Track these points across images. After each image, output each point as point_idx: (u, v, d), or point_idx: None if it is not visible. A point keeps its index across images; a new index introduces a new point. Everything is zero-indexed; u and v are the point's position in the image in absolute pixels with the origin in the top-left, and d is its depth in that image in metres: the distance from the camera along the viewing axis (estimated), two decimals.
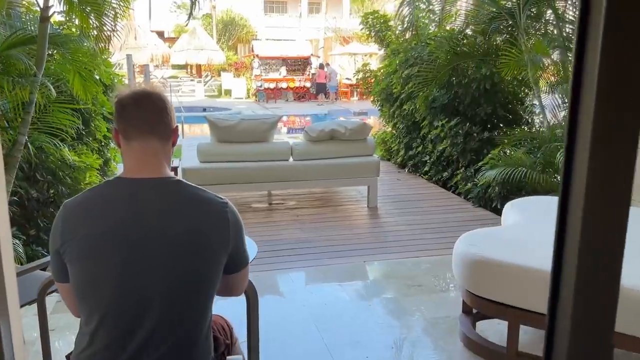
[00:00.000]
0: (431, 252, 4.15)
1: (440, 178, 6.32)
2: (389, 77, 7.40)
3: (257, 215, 5.14)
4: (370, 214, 5.24)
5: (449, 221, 4.96)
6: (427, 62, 6.45)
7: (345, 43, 25.68)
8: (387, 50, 7.63)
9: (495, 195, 5.25)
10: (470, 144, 5.84)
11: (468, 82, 6.05)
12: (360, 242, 4.37)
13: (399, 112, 7.27)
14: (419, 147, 6.85)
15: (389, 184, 6.46)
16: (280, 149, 5.24)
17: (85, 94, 4.53)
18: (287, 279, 3.66)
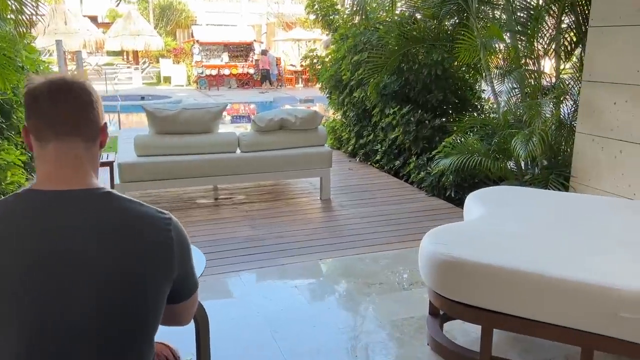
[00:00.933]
0: (389, 246, 3.97)
1: (392, 167, 6.18)
2: (338, 63, 7.16)
3: (203, 211, 4.80)
4: (324, 206, 5.02)
5: (404, 212, 4.81)
6: (376, 47, 6.26)
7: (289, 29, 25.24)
8: (335, 36, 7.37)
9: (449, 184, 5.15)
10: (423, 132, 5.71)
11: (419, 68, 5.90)
12: (314, 238, 4.14)
13: (348, 99, 7.06)
14: (370, 136, 6.68)
15: (341, 174, 6.26)
16: (227, 140, 4.90)
17: (4, 82, 4.04)
18: (238, 282, 3.37)
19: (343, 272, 3.53)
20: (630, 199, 3.68)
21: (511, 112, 4.92)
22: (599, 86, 3.88)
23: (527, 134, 4.29)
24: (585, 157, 4.07)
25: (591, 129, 3.99)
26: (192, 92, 21.00)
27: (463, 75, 6.24)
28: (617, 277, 1.97)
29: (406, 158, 6.00)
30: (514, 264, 2.11)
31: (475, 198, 3.03)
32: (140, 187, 4.71)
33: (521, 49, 4.84)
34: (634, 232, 2.42)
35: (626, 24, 3.61)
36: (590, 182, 4.03)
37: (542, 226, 2.53)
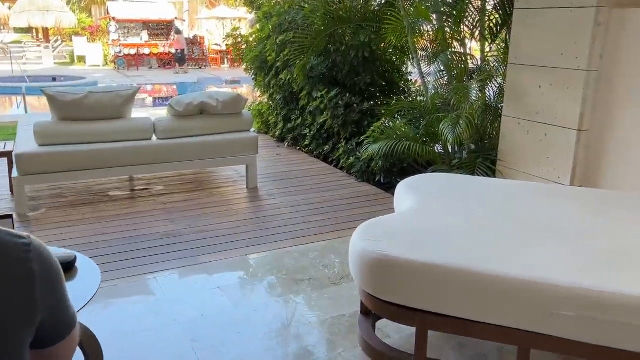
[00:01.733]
0: (319, 237, 3.80)
1: (321, 152, 5.99)
2: (263, 44, 6.84)
3: (117, 205, 4.40)
4: (251, 196, 4.76)
5: (334, 199, 4.65)
6: (302, 27, 6.00)
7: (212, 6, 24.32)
8: (259, 14, 7.03)
9: (378, 169, 5.04)
10: (351, 116, 5.55)
11: (346, 50, 5.72)
12: (240, 232, 3.88)
13: (275, 81, 6.77)
14: (298, 120, 6.45)
15: (269, 160, 6.00)
16: (141, 127, 4.50)
17: None
18: (153, 285, 3.06)
19: (271, 269, 3.31)
20: (555, 182, 3.70)
21: (438, 95, 4.86)
22: (524, 69, 3.86)
23: (454, 117, 4.23)
24: (511, 140, 4.06)
25: (517, 112, 3.98)
26: (110, 72, 19.76)
27: (390, 57, 6.13)
28: (552, 273, 1.88)
29: (335, 143, 5.83)
30: (447, 261, 1.98)
31: (405, 187, 2.89)
32: (44, 179, 4.22)
33: (448, 31, 4.76)
34: (565, 221, 2.36)
35: (550, 6, 3.58)
36: (516, 165, 4.04)
37: (475, 217, 2.42)
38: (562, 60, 3.55)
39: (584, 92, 3.44)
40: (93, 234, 3.77)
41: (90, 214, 4.18)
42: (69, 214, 4.18)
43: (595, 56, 3.38)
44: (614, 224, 2.33)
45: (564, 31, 3.50)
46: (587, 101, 3.46)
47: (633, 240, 2.14)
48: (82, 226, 3.93)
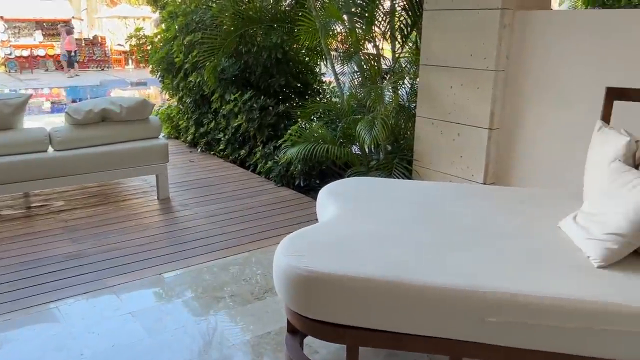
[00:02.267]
0: (238, 249, 3.62)
1: (237, 157, 5.79)
2: (169, 44, 6.50)
3: (10, 226, 3.95)
4: (163, 207, 4.47)
5: (253, 206, 4.48)
6: (211, 27, 5.76)
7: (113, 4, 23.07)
8: (163, 13, 6.67)
9: (297, 173, 4.94)
10: (267, 119, 5.40)
11: (258, 51, 5.56)
12: (152, 248, 3.61)
13: (184, 84, 6.46)
14: (211, 124, 6.19)
15: (182, 167, 5.70)
16: (34, 138, 4.07)
17: None
18: (55, 316, 2.75)
19: (188, 287, 3.09)
20: (469, 180, 3.79)
21: (353, 96, 4.84)
22: (435, 70, 3.92)
23: (370, 119, 4.22)
24: (426, 140, 4.12)
25: (430, 112, 4.04)
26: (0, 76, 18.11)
27: (304, 58, 6.05)
28: (480, 279, 1.86)
29: (252, 147, 5.66)
30: (374, 273, 1.90)
31: (327, 193, 2.81)
32: None
33: (360, 32, 4.75)
34: (485, 222, 2.38)
35: (458, 7, 3.65)
36: (431, 165, 4.10)
37: (398, 223, 2.38)
38: (471, 60, 3.63)
39: (493, 92, 3.54)
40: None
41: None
42: None
43: (502, 57, 3.48)
44: (530, 222, 2.38)
45: (472, 32, 3.58)
46: (497, 100, 3.57)
47: (550, 238, 2.19)
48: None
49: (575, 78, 3.21)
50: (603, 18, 3.06)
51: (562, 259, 2.00)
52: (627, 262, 1.95)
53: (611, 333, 1.71)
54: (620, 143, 2.21)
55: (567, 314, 1.72)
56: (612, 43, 3.01)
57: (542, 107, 3.40)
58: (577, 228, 2.14)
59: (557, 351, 1.78)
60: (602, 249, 1.93)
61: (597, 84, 3.08)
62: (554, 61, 3.30)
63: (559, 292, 1.76)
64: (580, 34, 3.15)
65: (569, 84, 3.25)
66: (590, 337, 1.72)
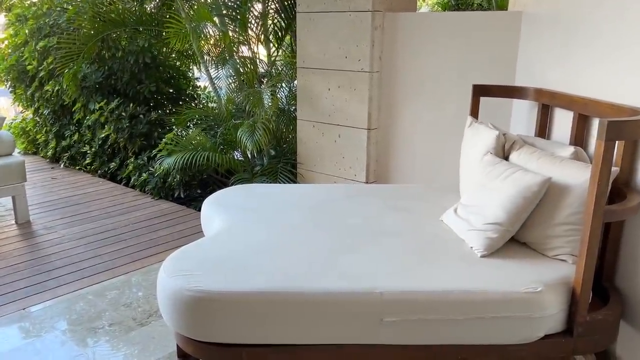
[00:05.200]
0: (116, 271, 3.31)
1: (107, 170, 5.34)
2: (19, 50, 5.83)
3: None
4: (23, 233, 3.96)
5: (128, 223, 4.15)
6: (67, 31, 5.26)
7: None
8: (10, 16, 5.97)
9: (176, 184, 4.67)
10: (138, 128, 5.05)
11: (123, 56, 5.18)
12: (13, 280, 3.17)
13: (40, 93, 5.83)
14: (74, 136, 5.65)
15: (43, 186, 5.13)
16: None
17: None
18: None
19: (60, 320, 2.74)
20: (353, 180, 3.85)
21: (231, 101, 4.70)
22: (312, 72, 3.93)
23: (250, 124, 4.12)
24: (308, 143, 4.11)
25: (310, 115, 4.04)
26: None
27: (174, 62, 5.77)
28: (374, 280, 1.85)
29: (123, 159, 5.26)
30: (266, 286, 1.81)
31: (210, 205, 2.66)
32: None
33: (233, 34, 4.62)
34: (371, 222, 2.39)
35: (330, 10, 3.69)
36: (315, 167, 4.10)
37: (287, 231, 2.31)
38: (346, 62, 3.68)
39: (370, 93, 3.62)
40: None
41: None
42: None
43: (375, 58, 3.58)
44: (414, 218, 2.44)
45: (346, 35, 3.63)
46: (373, 101, 3.66)
47: (434, 232, 2.26)
48: None
49: (443, 77, 3.39)
50: (462, 20, 3.26)
51: (447, 251, 2.07)
52: (506, 248, 2.06)
53: (502, 320, 1.78)
54: (490, 137, 2.34)
55: (458, 305, 1.77)
56: (472, 42, 3.22)
57: (416, 106, 3.55)
58: (458, 220, 2.23)
59: (456, 343, 1.82)
60: (483, 238, 2.02)
61: (464, 82, 3.28)
62: (423, 61, 3.45)
63: (448, 286, 1.81)
64: (443, 35, 3.33)
65: (438, 83, 3.42)
66: (483, 326, 1.79)
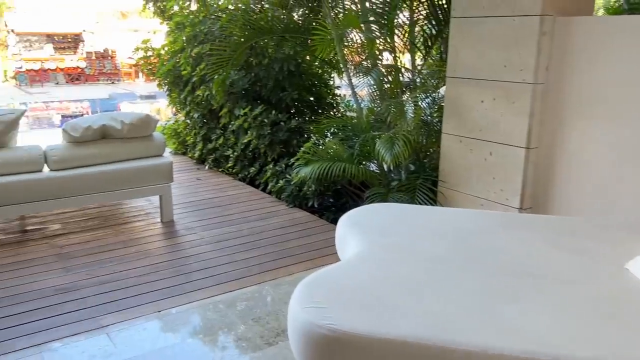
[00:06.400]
0: (248, 280, 3.27)
1: (247, 174, 5.46)
2: (176, 57, 6.22)
3: (0, 253, 3.63)
4: (166, 232, 4.13)
5: (263, 230, 4.13)
6: (219, 39, 5.47)
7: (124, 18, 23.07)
8: (170, 24, 6.41)
9: (310, 194, 4.59)
10: (279, 135, 5.07)
11: (269, 63, 5.25)
12: (152, 280, 3.27)
13: (191, 98, 6.17)
14: (219, 139, 5.88)
15: (188, 186, 5.38)
16: (27, 157, 3.77)
17: None
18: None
19: (188, 329, 2.73)
20: (504, 204, 3.42)
21: (372, 111, 4.51)
22: (464, 83, 3.57)
23: (390, 136, 3.87)
24: (453, 160, 3.75)
25: (458, 129, 3.68)
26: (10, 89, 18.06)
27: (317, 70, 5.73)
28: (547, 341, 1.49)
29: (262, 164, 5.33)
30: (412, 333, 1.54)
31: (347, 224, 2.45)
32: None
33: (379, 41, 4.42)
34: (536, 262, 2.01)
35: (490, 14, 3.31)
36: (460, 186, 3.73)
37: (434, 264, 2.01)
38: (505, 72, 3.27)
39: (531, 107, 3.17)
40: None
41: None
42: None
43: (541, 68, 3.12)
44: (589, 261, 2.01)
45: (507, 42, 3.23)
46: (535, 116, 3.20)
47: (619, 284, 1.82)
48: None
49: (627, 92, 2.84)
50: None
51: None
52: None
53: None
54: None
55: None
56: None
57: (588, 124, 3.03)
58: None
59: None
60: None
61: None
62: (601, 73, 2.93)
63: None
64: (631, 43, 2.78)
65: (620, 99, 2.88)
66: None
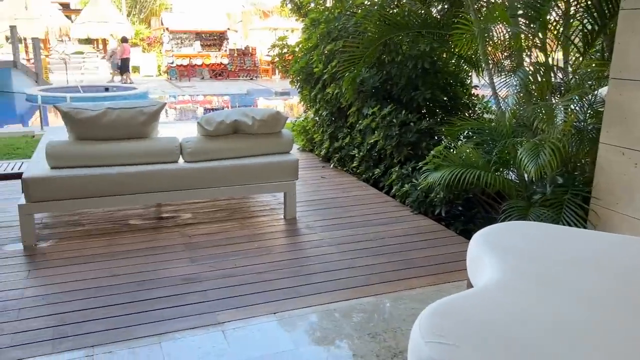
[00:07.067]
0: (365, 290, 3.09)
1: (371, 175, 5.29)
2: (309, 54, 6.23)
3: (135, 237, 3.85)
4: (288, 229, 4.11)
5: (385, 236, 3.93)
6: (353, 35, 5.35)
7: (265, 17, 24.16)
8: (306, 21, 6.44)
9: (438, 201, 4.28)
10: (407, 136, 4.82)
11: (403, 61, 5.02)
12: (271, 278, 3.23)
13: (321, 95, 6.14)
14: (345, 138, 5.78)
15: (312, 183, 5.35)
16: (165, 148, 3.95)
17: None
18: (155, 355, 2.45)
19: (302, 336, 2.62)
20: None
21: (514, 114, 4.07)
22: (632, 86, 3.03)
23: (536, 143, 3.44)
24: (611, 174, 3.23)
25: (620, 139, 3.15)
26: (162, 82, 19.84)
27: (453, 68, 5.37)
28: None
29: (388, 166, 5.12)
30: None
31: (484, 243, 2.15)
32: (55, 207, 3.74)
33: (528, 37, 3.97)
34: None
35: None
36: (618, 206, 3.19)
37: (588, 304, 1.66)
38: None
39: None
40: (103, 276, 3.22)
41: (104, 247, 3.65)
42: (82, 247, 3.67)
43: None
44: None
45: None
46: None
47: None
48: (93, 264, 3.39)
49: None
50: None
51: None
52: None
53: None
54: None
55: None
56: None
57: None
58: None
59: None
60: None
61: None
62: None
63: None
64: None
65: None
66: None
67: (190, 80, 20.37)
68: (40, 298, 2.92)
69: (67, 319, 2.71)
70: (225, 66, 21.45)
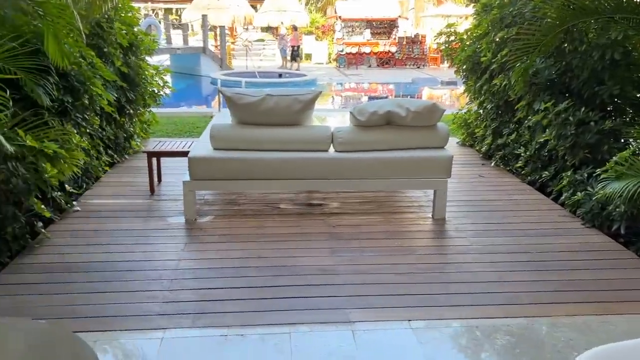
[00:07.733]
0: (514, 310, 2.74)
1: (537, 179, 4.74)
2: (477, 42, 5.79)
3: (283, 222, 3.94)
4: (434, 230, 3.86)
5: (547, 250, 3.47)
6: (529, 21, 4.80)
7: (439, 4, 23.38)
8: (477, 6, 5.98)
9: (617, 215, 3.66)
10: (585, 137, 4.20)
11: (587, 50, 4.36)
12: (408, 282, 3.04)
13: (487, 87, 5.68)
14: (511, 135, 5.27)
15: (468, 182, 4.99)
16: (317, 137, 3.97)
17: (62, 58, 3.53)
18: (281, 348, 2.44)
19: (434, 353, 2.41)
20: None
21: None
22: None
23: None
24: None
25: None
26: (330, 70, 20.42)
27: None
28: None
29: (558, 169, 4.53)
30: None
31: None
32: (214, 186, 4.00)
33: None
34: None
35: None
36: None
37: None
38: None
39: None
40: (250, 257, 3.34)
41: (254, 229, 3.80)
42: (235, 226, 3.87)
43: None
44: None
45: None
46: None
47: None
48: (242, 244, 3.56)
49: None
50: None
51: None
52: None
53: None
54: None
55: None
56: None
57: None
58: None
59: None
60: None
61: None
62: None
63: None
64: None
65: None
66: None
67: (358, 68, 20.64)
68: (190, 272, 3.12)
69: (209, 295, 2.85)
70: (392, 54, 21.32)
